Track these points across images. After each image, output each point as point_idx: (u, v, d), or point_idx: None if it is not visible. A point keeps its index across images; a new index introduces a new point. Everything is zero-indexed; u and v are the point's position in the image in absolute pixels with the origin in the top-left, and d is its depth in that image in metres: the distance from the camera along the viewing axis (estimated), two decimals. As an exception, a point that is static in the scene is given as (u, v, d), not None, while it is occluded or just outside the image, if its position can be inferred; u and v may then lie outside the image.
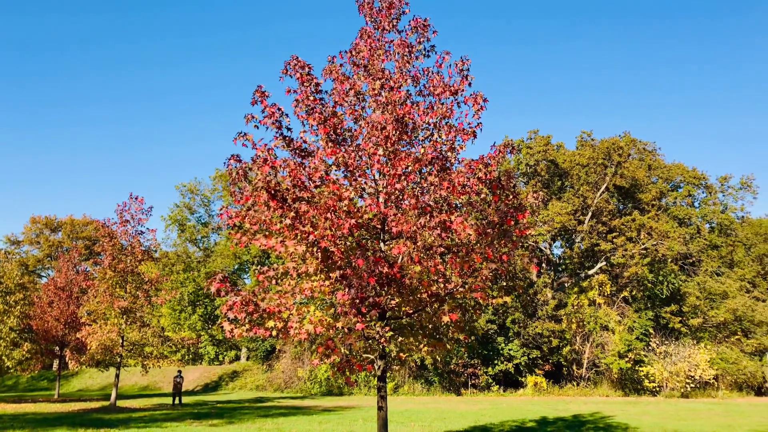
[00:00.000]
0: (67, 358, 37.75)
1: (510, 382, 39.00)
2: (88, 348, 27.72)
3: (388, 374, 10.14)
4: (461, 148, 10.44)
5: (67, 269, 40.31)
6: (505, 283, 10.08)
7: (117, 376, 28.43)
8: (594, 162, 41.93)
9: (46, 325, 36.81)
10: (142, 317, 28.04)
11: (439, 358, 34.94)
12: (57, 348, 38.44)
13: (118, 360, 27.62)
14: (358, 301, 9.15)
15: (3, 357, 30.81)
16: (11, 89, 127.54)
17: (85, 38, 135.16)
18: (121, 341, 27.10)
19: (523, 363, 37.92)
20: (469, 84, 10.67)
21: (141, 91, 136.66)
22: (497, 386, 38.33)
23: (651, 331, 37.85)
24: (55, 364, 48.01)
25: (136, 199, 27.94)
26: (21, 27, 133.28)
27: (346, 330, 9.60)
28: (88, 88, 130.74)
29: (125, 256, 27.30)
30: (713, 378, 36.27)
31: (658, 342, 37.36)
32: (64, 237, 75.58)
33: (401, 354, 10.61)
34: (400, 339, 10.32)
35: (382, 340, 9.58)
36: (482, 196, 9.71)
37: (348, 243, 9.78)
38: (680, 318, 39.03)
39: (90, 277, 35.12)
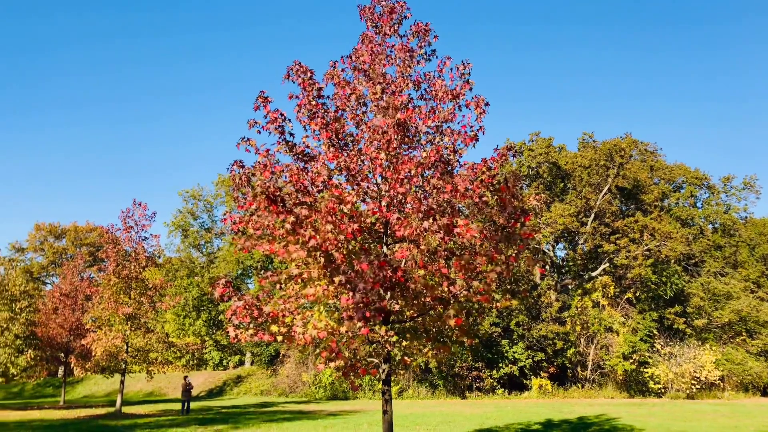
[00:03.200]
0: (72, 365, 37.82)
1: (515, 384, 38.94)
2: (93, 354, 27.78)
3: (392, 378, 10.16)
4: (463, 151, 10.47)
5: (71, 276, 40.42)
6: (509, 286, 10.09)
7: (122, 382, 28.47)
8: (596, 163, 41.90)
9: (51, 332, 36.89)
10: (147, 323, 28.09)
11: (444, 362, 34.91)
12: (62, 355, 38.50)
13: (123, 366, 27.66)
14: (362, 305, 9.17)
15: (8, 364, 30.87)
16: (12, 90, 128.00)
17: (83, 37, 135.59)
18: (125, 347, 27.14)
19: (527, 365, 37.87)
20: (470, 88, 10.71)
21: (139, 93, 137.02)
22: (502, 389, 38.27)
23: (655, 332, 37.76)
24: (61, 370, 48.12)
25: (140, 205, 28.04)
26: (18, 26, 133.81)
27: (350, 334, 9.62)
28: (83, 89, 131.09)
29: (129, 262, 27.37)
30: (719, 379, 36.16)
31: (662, 343, 37.27)
32: (68, 244, 75.80)
33: (406, 358, 10.62)
34: (404, 343, 10.34)
35: (387, 344, 9.60)
36: (485, 199, 9.73)
37: (351, 247, 9.81)
38: (684, 319, 38.95)
39: (94, 284, 35.16)
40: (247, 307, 9.69)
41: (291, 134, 10.59)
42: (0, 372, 31.24)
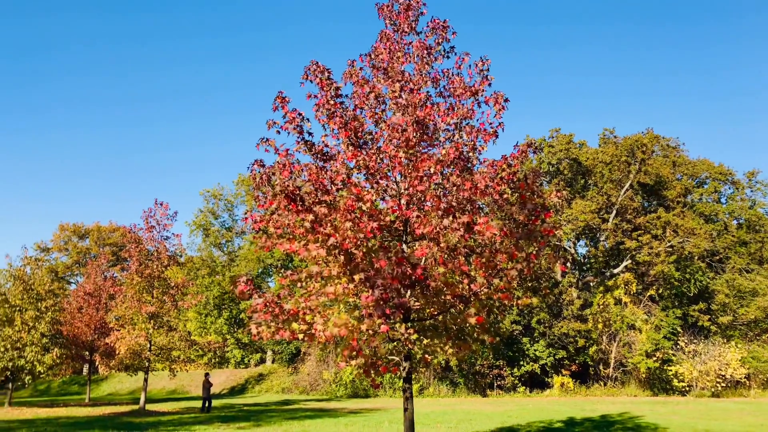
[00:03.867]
0: (96, 363, 38.45)
1: (536, 382, 38.73)
2: (117, 353, 28.17)
3: (413, 376, 10.14)
4: (483, 148, 10.42)
5: (95, 275, 41.04)
6: (530, 284, 10.03)
7: (145, 380, 28.82)
8: (617, 159, 41.49)
9: (76, 331, 37.50)
10: (169, 322, 28.39)
11: (465, 360, 34.83)
12: (87, 353, 39.11)
13: (146, 364, 27.99)
14: (381, 301, 9.18)
15: (35, 362, 31.36)
16: (34, 91, 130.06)
17: (106, 38, 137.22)
18: (148, 346, 27.46)
19: (549, 363, 37.64)
20: (489, 84, 10.66)
21: (162, 94, 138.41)
22: (523, 387, 38.09)
23: (679, 329, 37.29)
24: (86, 369, 48.83)
25: (162, 204, 28.34)
26: (37, 26, 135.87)
27: (370, 332, 9.63)
28: (107, 90, 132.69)
29: (151, 261, 27.68)
30: (745, 377, 35.60)
31: (686, 341, 36.80)
32: (92, 244, 76.87)
33: (426, 356, 10.61)
34: (424, 341, 10.33)
35: (407, 342, 9.60)
36: (505, 196, 9.68)
37: (370, 245, 9.81)
38: (709, 316, 38.42)
39: (117, 283, 35.66)
40: (267, 304, 9.75)
41: (309, 133, 10.62)
42: (27, 370, 31.74)
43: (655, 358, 35.93)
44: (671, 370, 35.95)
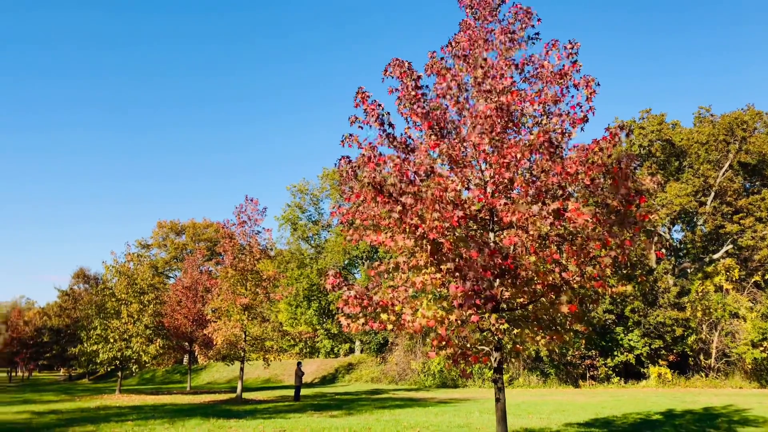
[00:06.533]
0: (196, 353, 40.40)
1: (631, 373, 37.39)
2: (215, 343, 29.44)
3: (503, 366, 10.04)
4: (572, 133, 10.14)
5: (191, 270, 43.10)
6: (625, 271, 9.69)
7: (241, 369, 30.02)
8: (714, 139, 39.26)
9: (176, 323, 39.58)
10: (262, 313, 29.36)
11: (556, 350, 34.09)
12: (186, 343, 41.19)
13: (242, 354, 29.11)
14: (471, 293, 9.12)
15: (140, 352, 33.37)
16: (134, 89, 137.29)
17: (190, 38, 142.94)
18: (243, 336, 28.53)
19: (644, 353, 36.23)
20: (578, 69, 10.33)
21: (248, 93, 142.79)
22: (617, 378, 36.87)
23: (789, 317, 34.92)
24: (186, 359, 51.42)
25: (252, 200, 29.29)
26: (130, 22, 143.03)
27: (459, 322, 9.61)
28: (199, 90, 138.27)
29: (244, 255, 28.68)
30: None
31: (797, 329, 34.40)
32: (188, 239, 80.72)
33: (517, 346, 10.47)
34: (515, 331, 10.20)
35: (497, 332, 9.51)
36: (597, 181, 9.36)
37: (457, 234, 9.77)
38: (823, 303, 35.77)
39: (213, 277, 37.26)
40: (357, 296, 9.91)
41: (391, 125, 10.69)
42: (134, 359, 33.79)
43: (762, 348, 33.78)
44: (781, 361, 33.75)
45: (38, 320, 68.26)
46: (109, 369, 39.73)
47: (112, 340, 33.26)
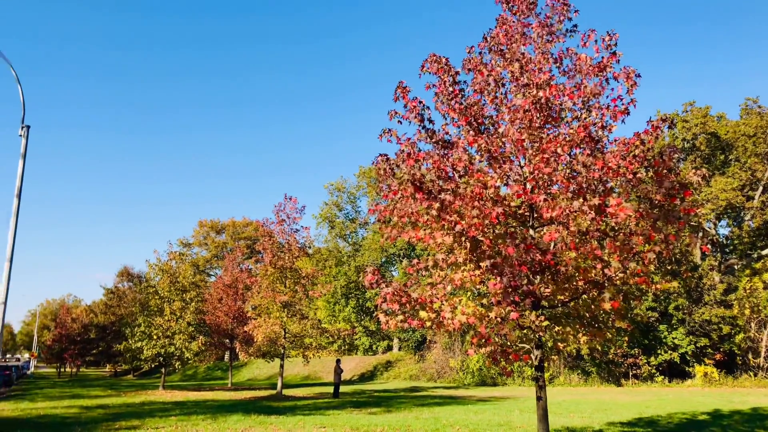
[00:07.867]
0: (236, 350, 41.01)
1: (675, 372, 36.52)
2: (255, 340, 29.83)
3: (544, 364, 9.89)
4: (613, 127, 9.93)
5: (232, 268, 43.77)
6: (669, 267, 9.46)
7: (281, 366, 30.35)
8: (763, 131, 38.08)
9: (217, 320, 40.23)
10: (301, 310, 29.62)
11: (598, 348, 33.55)
12: (227, 340, 41.81)
13: (282, 351, 29.42)
14: (510, 289, 9.03)
15: (183, 349, 34.03)
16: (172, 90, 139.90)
17: (244, 38, 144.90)
18: (283, 333, 28.83)
19: (689, 352, 35.35)
20: (617, 60, 10.12)
21: (289, 95, 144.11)
22: (661, 377, 36.06)
23: (843, 315, 33.67)
24: (227, 355, 52.21)
25: (290, 199, 29.57)
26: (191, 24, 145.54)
27: (499, 320, 9.52)
28: (233, 92, 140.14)
29: (283, 253, 28.97)
30: None
31: None
32: (228, 238, 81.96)
33: (558, 344, 10.32)
34: (556, 328, 10.06)
35: (538, 329, 9.38)
36: (639, 175, 9.15)
37: (496, 231, 9.68)
38: None
39: (253, 274, 37.74)
40: (395, 293, 9.89)
41: (431, 121, 10.64)
42: (177, 356, 34.48)
43: (814, 347, 32.68)
44: (834, 360, 32.56)
45: (85, 317, 70.23)
46: (152, 365, 40.63)
47: (155, 337, 34.02)
